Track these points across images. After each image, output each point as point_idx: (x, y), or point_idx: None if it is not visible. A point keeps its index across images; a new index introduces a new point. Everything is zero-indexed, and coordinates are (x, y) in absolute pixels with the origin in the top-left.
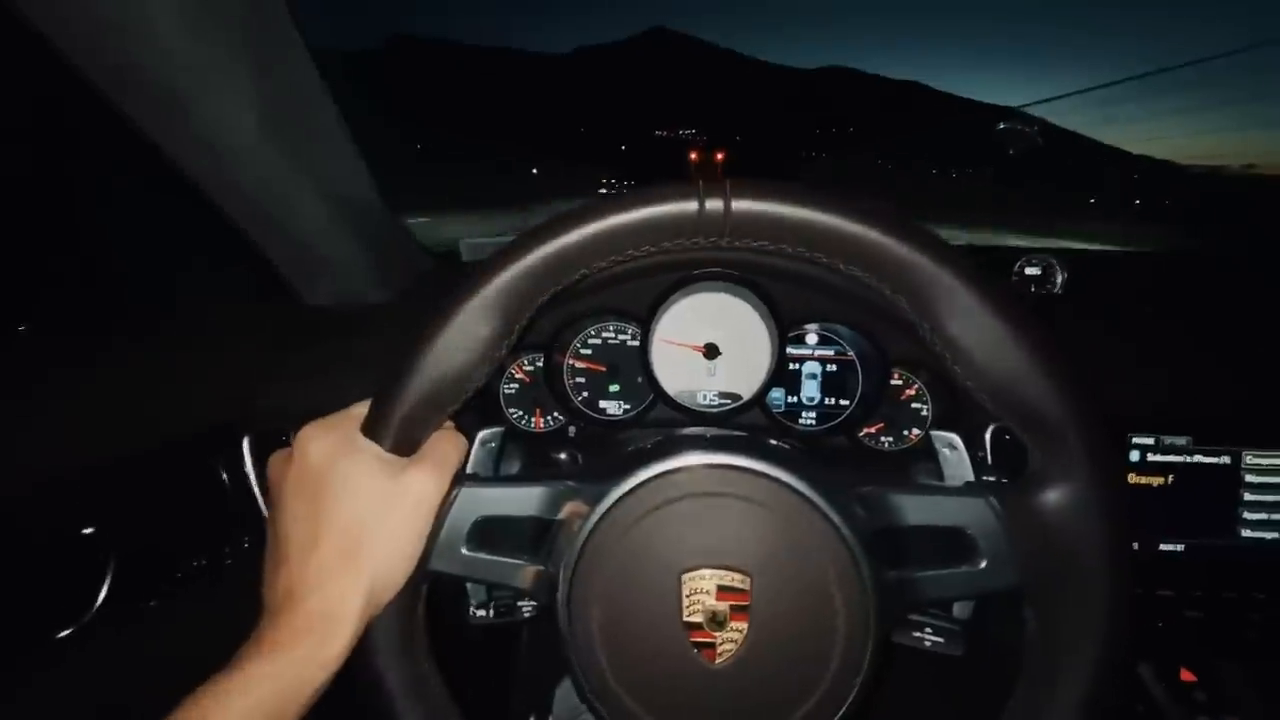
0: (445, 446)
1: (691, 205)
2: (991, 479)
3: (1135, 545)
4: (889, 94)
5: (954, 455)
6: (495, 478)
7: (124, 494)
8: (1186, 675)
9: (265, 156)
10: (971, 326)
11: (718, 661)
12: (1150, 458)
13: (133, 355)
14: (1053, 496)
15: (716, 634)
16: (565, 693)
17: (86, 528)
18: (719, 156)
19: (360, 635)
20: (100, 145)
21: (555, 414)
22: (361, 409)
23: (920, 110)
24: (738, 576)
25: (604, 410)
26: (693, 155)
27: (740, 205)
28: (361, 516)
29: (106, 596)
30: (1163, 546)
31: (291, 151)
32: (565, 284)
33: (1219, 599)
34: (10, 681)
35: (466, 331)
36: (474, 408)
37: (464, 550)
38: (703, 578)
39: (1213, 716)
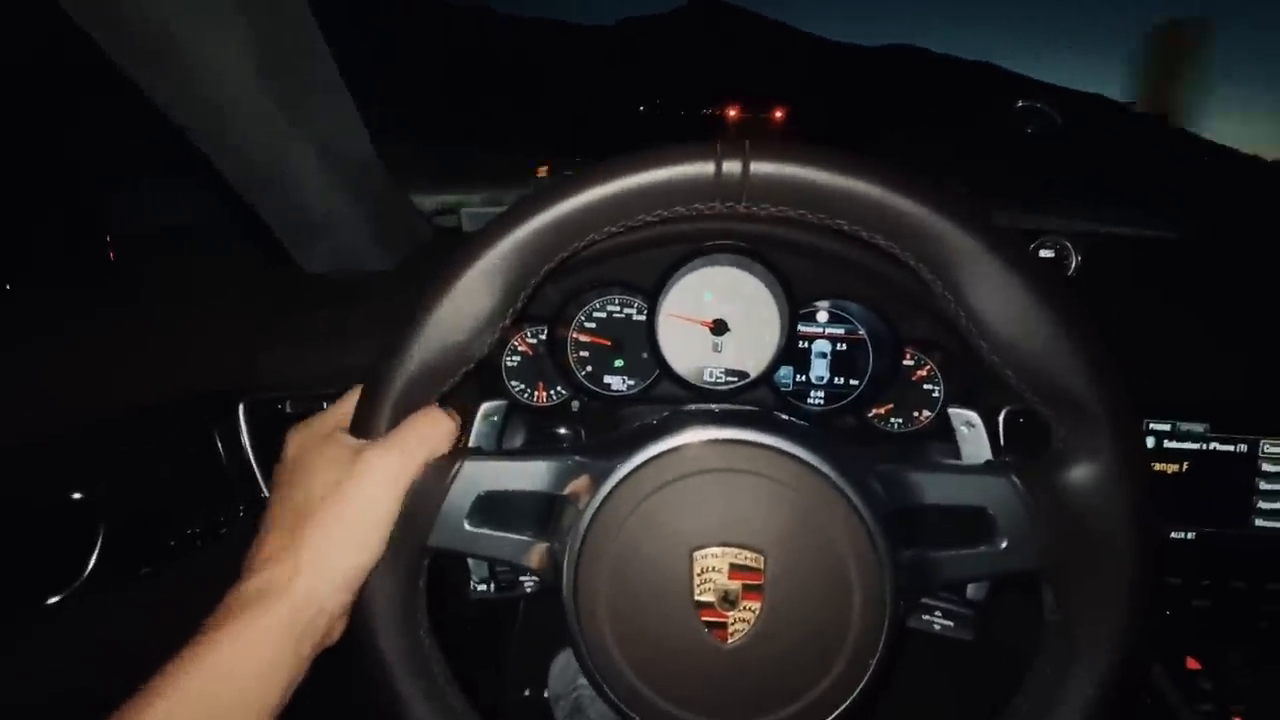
0: (418, 425)
1: (708, 167)
2: (1009, 459)
3: None
4: (961, 76)
5: (972, 433)
6: (498, 451)
7: (114, 459)
8: (1192, 663)
9: (260, 106)
10: (997, 296)
11: (730, 641)
12: (1166, 444)
13: (125, 319)
14: (1078, 474)
15: (728, 613)
16: (561, 667)
17: (75, 492)
18: (778, 114)
19: (314, 615)
20: (98, 104)
21: (558, 388)
22: (348, 404)
23: (995, 94)
24: (751, 555)
25: (608, 385)
26: (731, 112)
27: (760, 168)
28: (308, 499)
29: (97, 563)
30: (1173, 534)
31: (287, 102)
32: (572, 251)
33: (1228, 588)
34: None
35: (464, 305)
36: (474, 381)
37: (466, 526)
38: (715, 555)
39: (1217, 705)
